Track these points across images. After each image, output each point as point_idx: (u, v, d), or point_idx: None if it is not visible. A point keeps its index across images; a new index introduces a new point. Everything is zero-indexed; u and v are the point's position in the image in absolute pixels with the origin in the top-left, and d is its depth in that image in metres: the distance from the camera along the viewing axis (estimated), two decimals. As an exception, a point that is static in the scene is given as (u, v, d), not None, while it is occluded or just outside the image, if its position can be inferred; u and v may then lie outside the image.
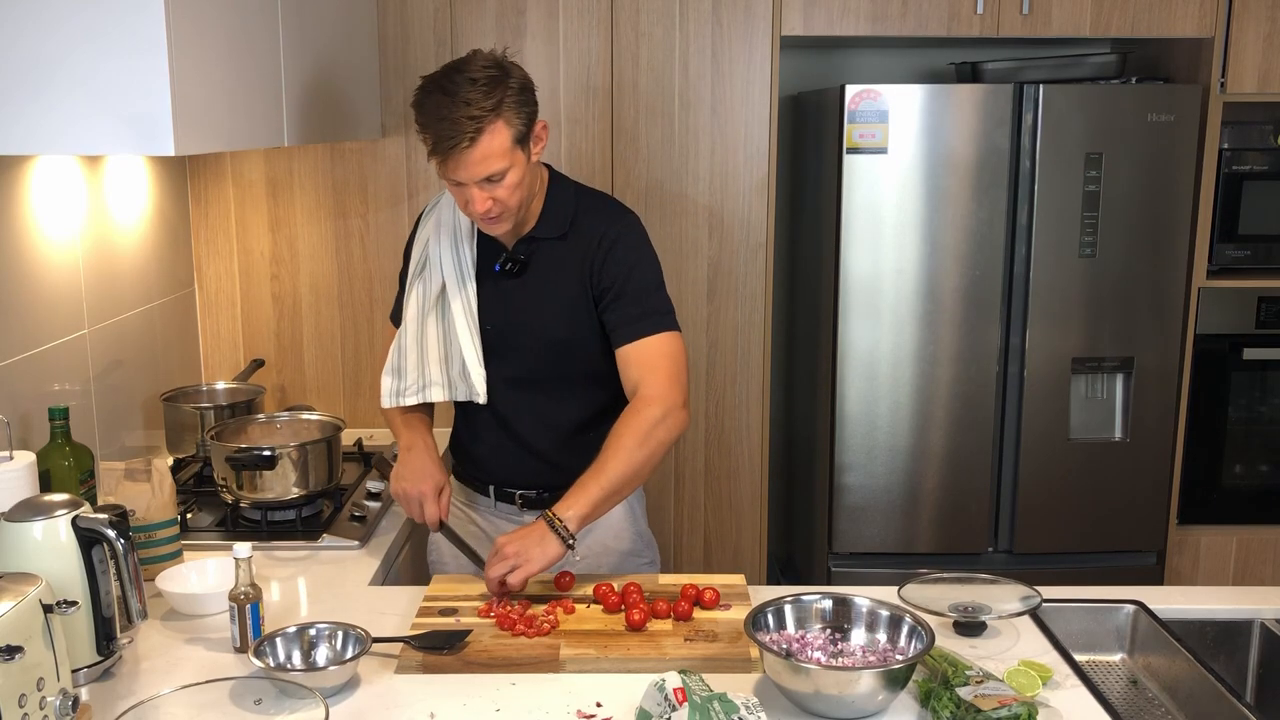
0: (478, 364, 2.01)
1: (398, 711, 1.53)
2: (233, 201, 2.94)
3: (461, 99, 1.76)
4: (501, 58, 1.85)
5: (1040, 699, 1.54)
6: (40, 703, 1.35)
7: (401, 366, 2.07)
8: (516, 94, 1.82)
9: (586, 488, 1.84)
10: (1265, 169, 2.96)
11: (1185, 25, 2.89)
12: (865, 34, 2.89)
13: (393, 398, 2.08)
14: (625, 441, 1.87)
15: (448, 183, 1.86)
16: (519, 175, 1.85)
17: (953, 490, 2.96)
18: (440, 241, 2.03)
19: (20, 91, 1.60)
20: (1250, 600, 1.93)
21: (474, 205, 1.85)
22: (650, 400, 1.90)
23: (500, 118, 1.79)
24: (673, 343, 1.96)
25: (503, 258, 2.00)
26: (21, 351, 2.04)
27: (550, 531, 1.81)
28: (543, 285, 2.00)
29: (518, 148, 1.83)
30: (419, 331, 2.05)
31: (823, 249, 2.99)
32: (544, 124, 1.90)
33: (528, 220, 1.98)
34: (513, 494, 2.12)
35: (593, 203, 2.04)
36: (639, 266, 1.98)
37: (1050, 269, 2.86)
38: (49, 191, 2.14)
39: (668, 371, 1.93)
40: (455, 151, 1.78)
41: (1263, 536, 3.11)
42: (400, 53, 2.88)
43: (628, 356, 1.95)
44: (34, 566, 1.47)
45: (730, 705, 1.40)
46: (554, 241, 1.99)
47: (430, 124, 1.79)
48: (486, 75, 1.79)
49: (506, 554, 1.80)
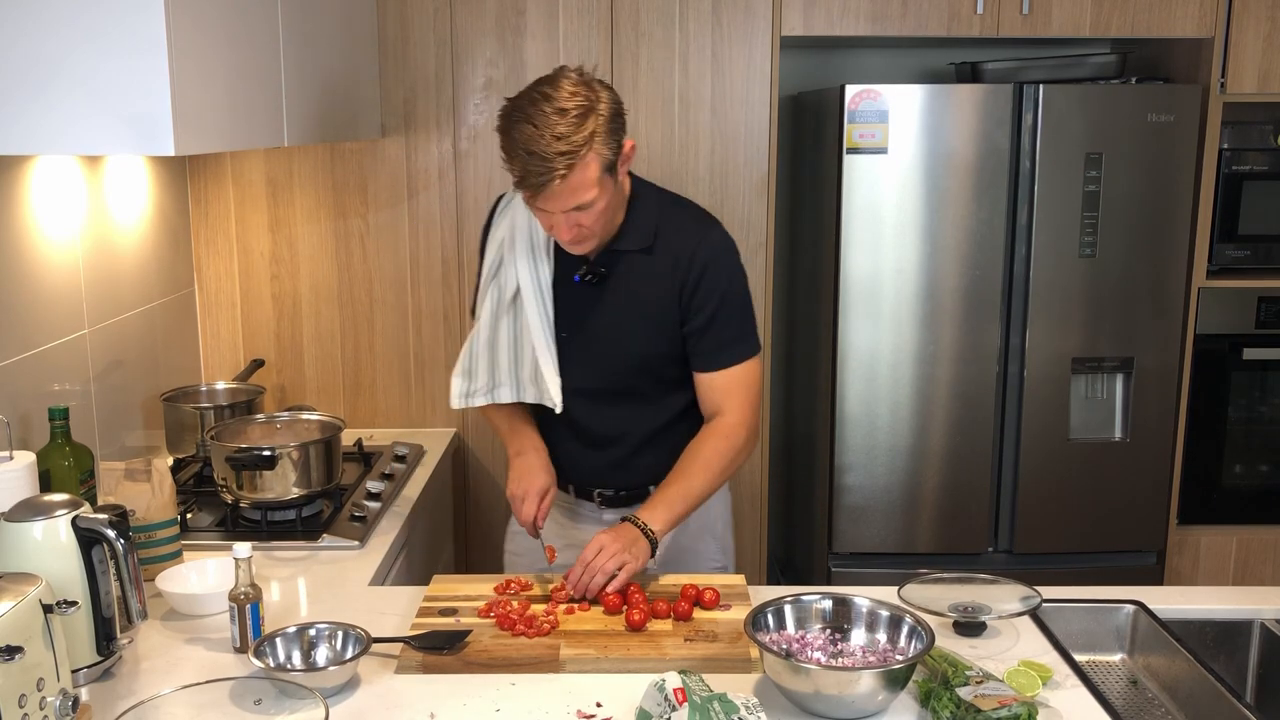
0: (554, 374, 1.98)
1: (398, 711, 1.53)
2: (233, 201, 2.94)
3: (551, 133, 1.69)
4: (591, 79, 1.78)
5: (1040, 699, 1.54)
6: (40, 703, 1.35)
7: (473, 369, 2.06)
8: (608, 122, 1.75)
9: (672, 501, 1.88)
10: (1265, 169, 2.96)
11: (1185, 25, 2.89)
12: (865, 34, 2.89)
13: (462, 399, 2.07)
14: (713, 463, 1.91)
15: (532, 208, 1.82)
16: (606, 201, 1.80)
17: (953, 490, 2.96)
18: (515, 248, 1.98)
19: (20, 91, 1.60)
20: (1250, 600, 1.93)
21: (559, 231, 1.82)
22: (738, 426, 1.94)
23: (592, 150, 1.72)
24: (755, 368, 1.98)
25: (583, 270, 1.96)
26: (21, 351, 2.04)
27: (643, 537, 1.83)
28: (624, 298, 1.96)
29: (606, 175, 1.78)
30: (491, 336, 2.03)
31: (823, 249, 2.99)
32: (632, 144, 1.84)
33: (609, 232, 1.93)
34: (591, 491, 2.13)
35: (679, 214, 1.99)
36: (730, 292, 1.95)
37: (1050, 269, 2.86)
38: (49, 191, 2.14)
39: (749, 399, 1.97)
40: (546, 188, 1.72)
41: (1263, 536, 3.11)
42: (400, 53, 2.88)
43: (713, 382, 1.97)
44: (34, 566, 1.47)
45: (730, 705, 1.40)
46: (638, 254, 1.95)
47: (518, 156, 1.72)
48: (577, 105, 1.72)
49: (615, 549, 1.80)
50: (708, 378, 1.97)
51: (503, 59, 2.88)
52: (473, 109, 2.91)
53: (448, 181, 2.94)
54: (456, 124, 2.92)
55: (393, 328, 3.01)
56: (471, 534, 3.10)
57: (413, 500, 2.43)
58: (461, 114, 2.91)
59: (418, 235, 2.97)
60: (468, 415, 3.04)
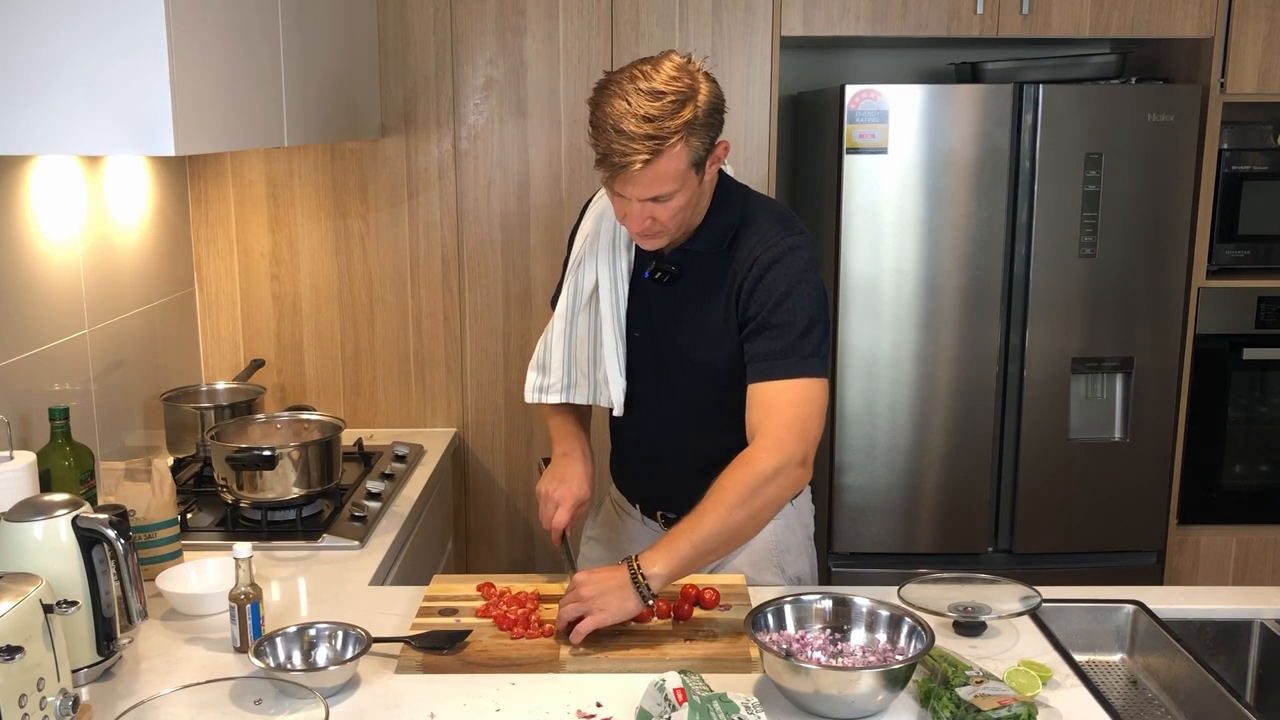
0: (619, 374, 1.88)
1: (398, 711, 1.53)
2: (233, 201, 2.94)
3: (644, 114, 1.60)
4: (696, 68, 1.68)
5: (1040, 699, 1.54)
6: (40, 703, 1.35)
7: (547, 362, 1.96)
8: (705, 115, 1.65)
9: (677, 543, 1.67)
10: (1265, 169, 2.96)
11: (1185, 25, 2.89)
12: (865, 34, 2.89)
13: (536, 393, 1.97)
14: (727, 496, 1.68)
15: (609, 192, 1.72)
16: (686, 198, 1.70)
17: (953, 490, 2.96)
18: (599, 241, 1.89)
19: (21, 91, 1.60)
20: (1250, 600, 1.93)
21: (631, 221, 1.72)
22: (764, 451, 1.70)
23: (682, 141, 1.63)
24: (809, 390, 1.73)
25: (652, 265, 1.86)
26: (21, 351, 2.04)
27: (630, 585, 1.65)
28: (691, 301, 1.84)
29: (692, 171, 1.67)
30: (568, 328, 1.93)
31: (823, 249, 2.99)
32: (725, 145, 1.73)
33: (687, 231, 1.83)
34: (655, 512, 2.02)
35: (761, 217, 1.83)
36: (792, 298, 1.76)
37: (1050, 269, 2.86)
38: (49, 191, 2.14)
39: (792, 421, 1.72)
40: (626, 170, 1.62)
41: (1263, 536, 3.11)
42: (400, 53, 2.88)
43: (755, 396, 1.76)
44: (34, 566, 1.47)
45: (730, 705, 1.40)
46: (712, 255, 1.83)
47: (605, 132, 1.63)
48: (675, 90, 1.62)
49: (582, 595, 1.66)
50: (751, 391, 1.76)
51: (503, 59, 2.88)
52: (473, 109, 2.91)
53: (448, 181, 2.94)
54: (456, 124, 2.92)
55: (393, 328, 3.01)
56: (471, 534, 3.10)
57: (413, 500, 2.43)
58: (461, 114, 2.91)
59: (418, 235, 2.97)
60: (467, 415, 3.05)
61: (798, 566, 2.03)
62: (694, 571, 1.73)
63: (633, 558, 1.68)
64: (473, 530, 3.10)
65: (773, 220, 1.84)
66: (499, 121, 2.92)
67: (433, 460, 2.73)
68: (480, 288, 2.99)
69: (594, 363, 1.94)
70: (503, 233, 2.97)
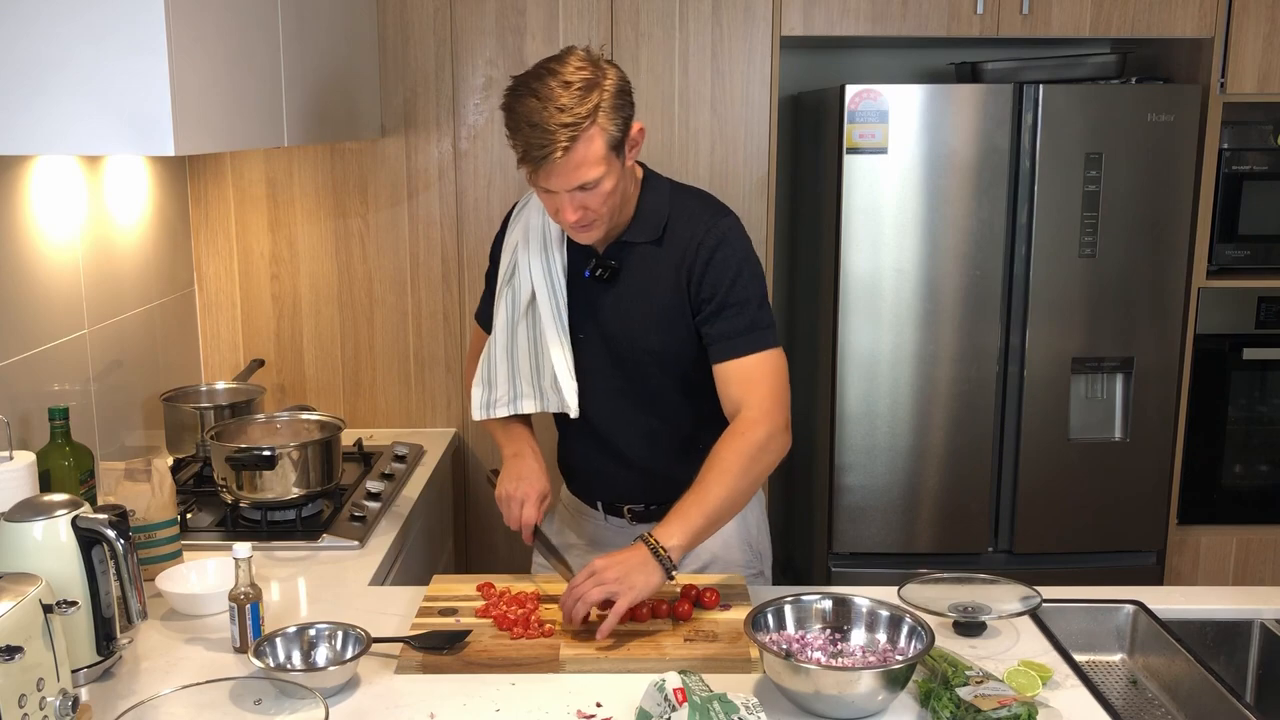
0: (568, 375, 1.91)
1: (398, 711, 1.53)
2: (233, 201, 2.94)
3: (555, 104, 1.65)
4: (598, 57, 1.74)
5: (1040, 699, 1.54)
6: (40, 703, 1.35)
7: (492, 378, 1.98)
8: (613, 97, 1.71)
9: (688, 514, 1.72)
10: (1265, 169, 2.96)
11: (1185, 25, 2.89)
12: (865, 34, 2.89)
13: (484, 409, 1.99)
14: (730, 466, 1.76)
15: (536, 189, 1.77)
16: (613, 182, 1.74)
17: (953, 490, 2.96)
18: (529, 247, 1.93)
19: (20, 91, 1.60)
20: (1250, 600, 1.93)
21: (564, 214, 1.75)
22: (755, 422, 1.79)
23: (595, 124, 1.68)
24: (775, 360, 1.85)
25: (592, 264, 1.90)
26: (21, 351, 2.04)
27: (653, 558, 1.69)
28: (636, 293, 1.89)
29: (612, 154, 1.72)
30: (509, 342, 1.96)
31: (823, 249, 2.99)
32: (640, 127, 1.79)
33: (619, 224, 1.88)
34: (620, 508, 2.05)
35: (689, 203, 1.91)
36: (742, 277, 1.84)
37: (1050, 269, 2.86)
38: (49, 191, 2.14)
39: (771, 391, 1.82)
40: (547, 161, 1.67)
41: (1263, 536, 3.11)
42: (400, 53, 2.88)
43: (728, 374, 1.84)
44: (34, 566, 1.47)
45: (730, 705, 1.40)
46: (648, 246, 1.88)
47: (520, 130, 1.68)
48: (581, 79, 1.68)
49: (607, 579, 1.67)
50: (722, 369, 1.84)
51: (503, 59, 2.88)
52: (473, 109, 2.91)
53: (448, 181, 2.95)
54: (456, 124, 2.92)
55: (393, 328, 3.01)
56: (471, 534, 3.10)
57: (413, 500, 2.43)
58: (461, 114, 2.91)
59: (418, 235, 2.97)
60: (467, 415, 3.04)
61: (760, 542, 2.12)
62: (705, 539, 1.79)
63: (647, 534, 1.72)
64: (473, 530, 3.10)
65: (701, 204, 1.92)
66: (499, 121, 2.89)
67: (433, 460, 2.73)
68: (480, 288, 2.97)
69: (538, 371, 1.96)
70: (503, 233, 2.97)
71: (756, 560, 2.11)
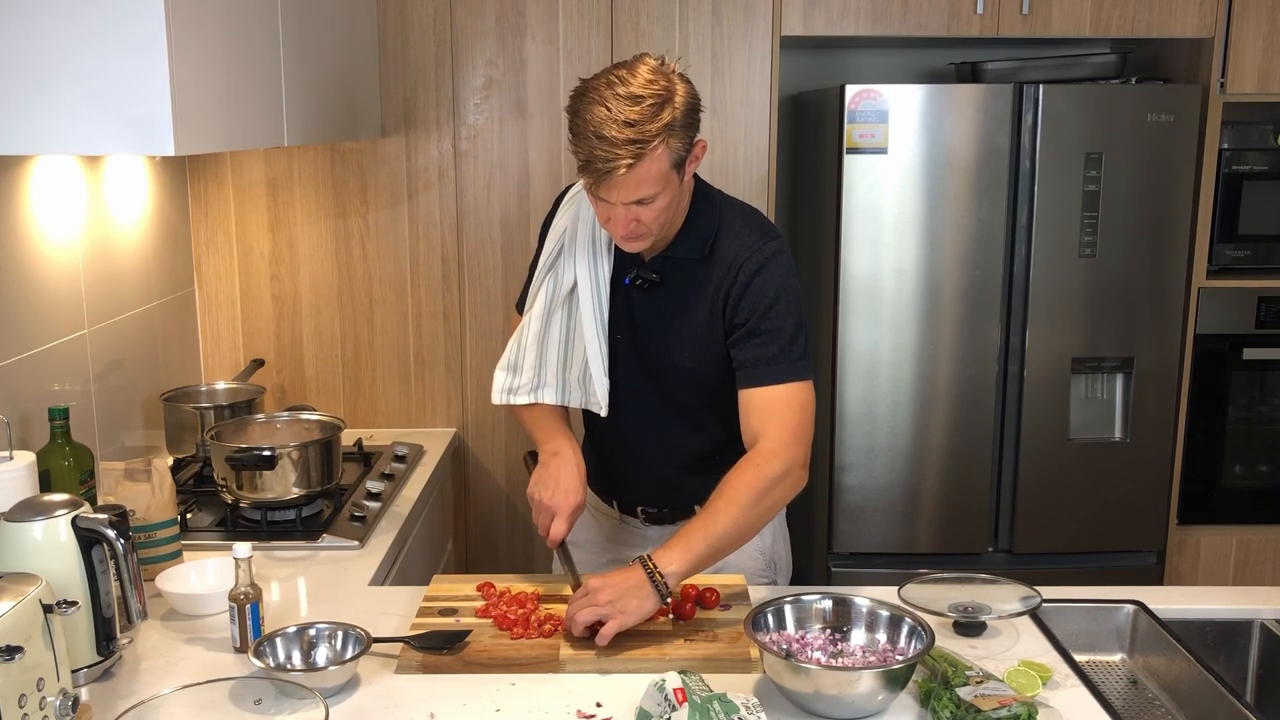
0: (603, 374, 1.89)
1: (398, 711, 1.53)
2: (233, 201, 2.94)
3: (624, 119, 1.62)
4: (670, 70, 1.70)
5: (1040, 699, 1.54)
6: (40, 703, 1.35)
7: (518, 363, 1.95)
8: (684, 115, 1.67)
9: (692, 541, 1.69)
10: (1265, 169, 2.96)
11: (1185, 25, 2.89)
12: (865, 34, 2.89)
13: (504, 394, 1.96)
14: (740, 497, 1.71)
15: (590, 197, 1.74)
16: (669, 199, 1.72)
17: (953, 490, 2.96)
18: (577, 241, 1.89)
19: (20, 91, 1.60)
20: (1250, 600, 1.94)
21: (615, 225, 1.73)
22: (771, 455, 1.75)
23: (664, 143, 1.64)
24: (803, 393, 1.80)
25: (634, 273, 1.87)
26: (21, 351, 2.04)
27: (649, 584, 1.66)
28: (673, 307, 1.87)
29: (673, 171, 1.70)
30: (542, 329, 1.92)
31: (823, 249, 2.99)
32: (703, 143, 1.75)
33: (667, 236, 1.84)
34: (634, 508, 2.04)
35: (737, 222, 1.87)
36: (780, 304, 1.80)
37: (1050, 269, 2.86)
38: (49, 191, 2.14)
39: (792, 425, 1.78)
40: (610, 176, 1.64)
41: (1263, 536, 3.11)
42: (400, 53, 2.88)
43: (751, 401, 1.80)
44: (34, 566, 1.47)
45: (730, 705, 1.40)
46: (692, 262, 1.85)
47: (586, 139, 1.64)
48: (653, 93, 1.64)
49: (598, 601, 1.66)
50: (745, 396, 1.81)
51: (503, 59, 2.88)
52: (473, 109, 2.91)
53: (448, 181, 2.95)
54: (456, 124, 2.92)
55: (393, 327, 3.01)
56: (471, 534, 3.10)
57: (413, 500, 2.43)
58: (461, 114, 2.91)
59: (418, 235, 2.97)
60: (468, 415, 3.05)
61: (776, 551, 2.10)
62: (706, 568, 1.75)
63: (646, 557, 1.69)
64: (473, 530, 3.10)
65: (750, 226, 1.87)
66: (499, 121, 2.92)
67: (433, 460, 2.73)
68: (480, 288, 3.00)
69: (566, 363, 1.94)
70: (502, 233, 2.97)
71: (770, 569, 2.08)
